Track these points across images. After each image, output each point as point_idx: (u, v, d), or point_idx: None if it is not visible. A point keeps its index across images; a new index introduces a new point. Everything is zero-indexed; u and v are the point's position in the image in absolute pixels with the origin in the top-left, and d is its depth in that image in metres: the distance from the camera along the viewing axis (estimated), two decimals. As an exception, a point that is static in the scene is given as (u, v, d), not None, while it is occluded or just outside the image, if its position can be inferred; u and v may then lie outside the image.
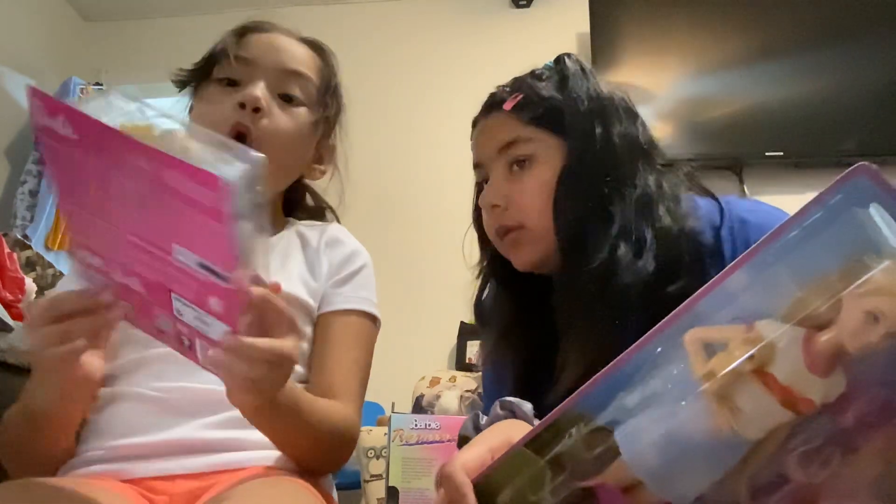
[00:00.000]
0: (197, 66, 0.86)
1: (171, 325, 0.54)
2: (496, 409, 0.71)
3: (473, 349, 2.22)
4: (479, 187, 0.81)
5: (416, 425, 1.66)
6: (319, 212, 0.97)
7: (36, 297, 1.86)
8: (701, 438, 0.36)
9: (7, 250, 1.54)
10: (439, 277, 2.41)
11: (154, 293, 0.52)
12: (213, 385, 0.70)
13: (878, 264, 0.33)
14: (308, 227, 0.89)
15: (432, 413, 1.82)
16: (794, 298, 0.35)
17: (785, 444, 0.36)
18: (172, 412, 0.69)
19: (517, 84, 0.79)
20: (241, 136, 0.78)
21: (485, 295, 0.85)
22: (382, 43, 2.75)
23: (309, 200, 0.97)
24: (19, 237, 2.17)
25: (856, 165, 0.35)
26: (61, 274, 2.07)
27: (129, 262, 0.52)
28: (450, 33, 2.76)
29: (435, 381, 1.97)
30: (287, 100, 0.82)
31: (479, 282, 0.85)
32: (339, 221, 0.97)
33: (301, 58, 0.85)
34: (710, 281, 0.37)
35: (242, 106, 0.78)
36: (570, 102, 0.74)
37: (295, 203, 0.95)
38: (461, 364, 2.20)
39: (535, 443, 0.41)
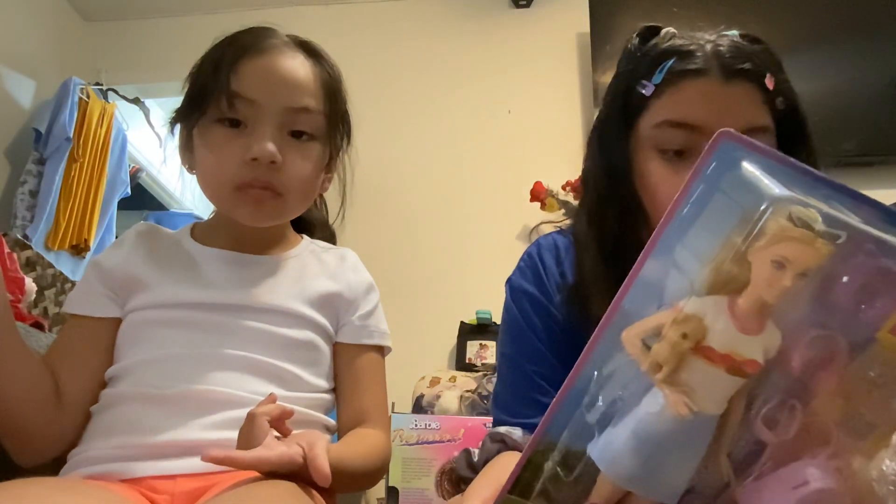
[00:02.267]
0: (189, 103, 0.79)
1: None
2: (486, 443, 0.71)
3: (473, 349, 2.22)
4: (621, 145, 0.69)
5: (415, 425, 1.67)
6: (320, 224, 0.97)
7: (36, 297, 1.86)
8: (668, 429, 0.36)
9: (7, 250, 1.54)
10: (439, 278, 2.42)
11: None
12: (215, 386, 0.71)
13: (765, 214, 0.34)
14: (323, 250, 0.90)
15: (432, 413, 1.82)
16: (705, 270, 0.36)
17: (748, 410, 0.36)
18: (175, 412, 0.69)
19: (762, 54, 0.66)
20: (262, 187, 0.76)
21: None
22: (382, 43, 2.75)
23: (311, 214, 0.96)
24: (19, 237, 2.17)
25: (717, 133, 0.37)
26: (61, 274, 2.07)
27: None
28: (450, 33, 2.76)
29: (435, 381, 1.97)
30: (297, 135, 0.79)
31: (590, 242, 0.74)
32: (334, 232, 0.98)
33: (305, 86, 0.79)
34: (627, 278, 0.38)
35: (252, 159, 0.74)
36: (801, 109, 0.66)
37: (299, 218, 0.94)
38: (461, 364, 2.20)
39: (518, 486, 0.40)
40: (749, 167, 0.36)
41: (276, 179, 0.77)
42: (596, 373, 0.38)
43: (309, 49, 0.83)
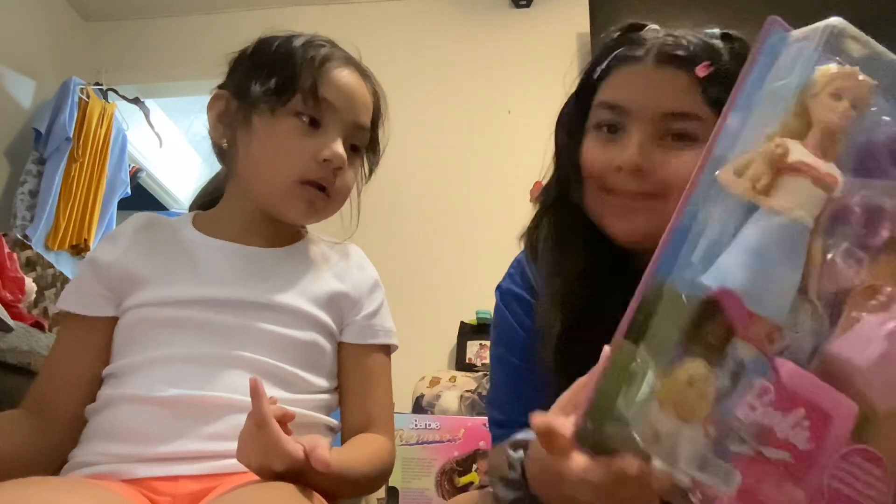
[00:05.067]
0: (268, 92, 0.79)
1: None
2: (510, 454, 0.69)
3: (473, 349, 2.22)
4: (562, 122, 0.78)
5: (415, 425, 1.67)
6: None
7: (36, 297, 1.86)
8: (772, 239, 0.40)
9: (7, 250, 1.54)
10: (439, 278, 2.42)
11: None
12: (218, 391, 0.70)
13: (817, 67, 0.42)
14: (327, 246, 0.90)
15: (432, 413, 1.82)
16: (779, 120, 0.42)
17: (825, 254, 0.41)
18: (177, 419, 0.68)
19: (704, 46, 0.69)
20: (320, 188, 0.79)
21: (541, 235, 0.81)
22: (382, 43, 2.75)
23: None
24: (19, 237, 2.17)
25: (767, 21, 0.44)
26: (61, 274, 2.08)
27: None
28: (450, 33, 2.76)
29: (435, 381, 1.97)
30: (352, 149, 0.83)
31: (537, 220, 0.82)
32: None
33: (368, 106, 0.85)
34: (717, 124, 0.42)
35: (324, 160, 0.77)
36: None
37: None
38: (461, 364, 2.20)
39: (632, 331, 0.41)
40: (795, 38, 0.44)
41: (334, 184, 0.80)
42: (699, 214, 0.41)
43: (361, 69, 0.87)
